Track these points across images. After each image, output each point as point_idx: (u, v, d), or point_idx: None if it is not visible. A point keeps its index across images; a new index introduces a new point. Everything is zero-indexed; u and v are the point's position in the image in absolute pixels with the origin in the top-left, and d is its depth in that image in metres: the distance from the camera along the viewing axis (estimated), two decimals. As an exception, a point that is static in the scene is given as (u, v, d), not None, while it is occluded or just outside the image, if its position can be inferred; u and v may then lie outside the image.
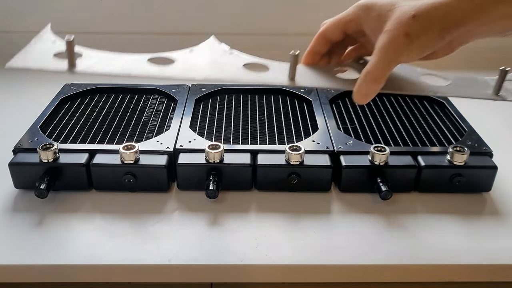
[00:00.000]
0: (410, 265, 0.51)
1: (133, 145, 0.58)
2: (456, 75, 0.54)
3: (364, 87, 0.47)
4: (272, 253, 0.51)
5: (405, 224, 0.56)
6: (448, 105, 0.73)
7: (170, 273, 0.51)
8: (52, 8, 0.99)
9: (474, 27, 0.46)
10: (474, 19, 0.45)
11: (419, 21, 0.46)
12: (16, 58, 0.48)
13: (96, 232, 0.54)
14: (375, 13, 0.49)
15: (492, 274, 0.52)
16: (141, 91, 0.76)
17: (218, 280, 0.52)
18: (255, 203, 0.58)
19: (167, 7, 1.00)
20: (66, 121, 0.68)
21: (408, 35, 0.46)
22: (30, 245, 0.52)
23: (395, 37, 0.46)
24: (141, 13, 1.01)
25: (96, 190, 0.60)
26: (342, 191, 0.60)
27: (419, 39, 0.46)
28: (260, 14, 1.01)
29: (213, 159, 0.58)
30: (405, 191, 0.60)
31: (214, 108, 0.72)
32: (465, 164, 0.58)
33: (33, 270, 0.50)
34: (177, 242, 0.52)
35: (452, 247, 0.53)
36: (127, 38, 1.01)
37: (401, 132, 0.66)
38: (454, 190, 0.60)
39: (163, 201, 0.58)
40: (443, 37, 0.46)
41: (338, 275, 0.51)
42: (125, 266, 0.50)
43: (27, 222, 0.55)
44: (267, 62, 0.53)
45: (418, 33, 0.46)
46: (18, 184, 0.59)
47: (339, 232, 0.54)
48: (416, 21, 0.46)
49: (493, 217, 0.57)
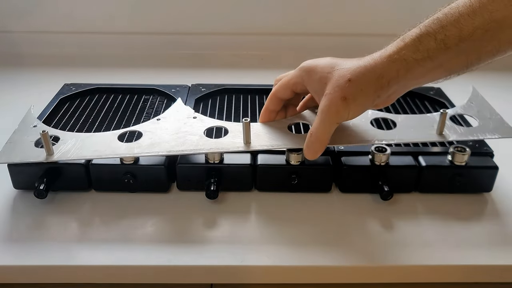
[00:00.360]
0: (410, 265, 0.51)
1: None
2: (404, 115, 0.60)
3: (311, 147, 0.53)
4: (272, 253, 0.51)
5: (405, 225, 0.55)
6: (449, 105, 0.73)
7: (170, 274, 0.51)
8: (52, 8, 0.99)
9: (406, 82, 0.49)
10: (405, 77, 0.48)
11: (355, 85, 0.49)
12: (1, 153, 0.55)
13: (95, 232, 0.54)
14: (317, 75, 0.53)
15: (493, 275, 0.52)
16: (140, 91, 0.76)
17: (218, 280, 0.52)
18: (255, 203, 0.58)
19: (167, 7, 1.00)
20: (65, 121, 0.68)
21: (345, 98, 0.49)
22: (30, 246, 0.52)
23: (334, 101, 0.50)
24: (141, 13, 1.00)
25: (95, 191, 0.59)
26: (342, 192, 0.60)
27: (356, 101, 0.49)
28: (261, 14, 1.01)
29: (213, 159, 0.58)
30: (406, 192, 0.60)
31: (214, 108, 0.72)
32: (466, 164, 0.58)
33: (33, 270, 0.50)
34: (177, 243, 0.52)
35: (452, 248, 0.52)
36: (127, 38, 1.01)
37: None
38: (455, 190, 0.60)
39: (162, 202, 0.58)
40: (379, 96, 0.50)
41: (338, 276, 0.51)
42: (125, 267, 0.50)
43: (26, 223, 0.55)
44: (226, 124, 0.59)
45: (355, 95, 0.49)
46: (17, 184, 0.59)
47: (340, 233, 0.54)
48: (352, 85, 0.49)
49: (494, 217, 0.57)
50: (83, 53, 0.99)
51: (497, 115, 0.59)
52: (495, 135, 0.56)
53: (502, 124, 0.57)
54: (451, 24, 0.45)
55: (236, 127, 0.58)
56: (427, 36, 0.46)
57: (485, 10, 0.44)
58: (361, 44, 1.01)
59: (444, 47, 0.46)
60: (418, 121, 0.59)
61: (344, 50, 1.01)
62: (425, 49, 0.47)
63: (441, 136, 0.56)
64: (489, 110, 0.60)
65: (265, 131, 0.58)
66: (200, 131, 0.58)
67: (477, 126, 0.57)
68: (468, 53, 0.46)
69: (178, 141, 0.56)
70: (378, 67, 0.48)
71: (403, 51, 0.48)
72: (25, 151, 0.55)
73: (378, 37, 1.02)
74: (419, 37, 0.47)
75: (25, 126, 0.61)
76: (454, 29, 0.45)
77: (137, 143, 0.56)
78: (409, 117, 0.59)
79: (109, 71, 0.94)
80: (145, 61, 0.84)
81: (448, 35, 0.45)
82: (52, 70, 0.79)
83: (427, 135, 0.56)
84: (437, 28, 0.46)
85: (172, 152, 0.54)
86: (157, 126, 0.59)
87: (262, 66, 0.99)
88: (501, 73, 0.94)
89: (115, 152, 0.54)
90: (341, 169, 0.58)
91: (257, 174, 0.59)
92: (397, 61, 0.48)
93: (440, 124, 0.56)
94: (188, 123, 0.60)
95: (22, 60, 0.99)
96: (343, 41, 1.00)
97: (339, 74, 0.50)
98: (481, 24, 0.44)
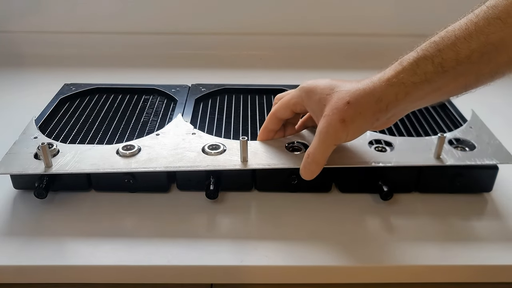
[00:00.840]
0: (410, 265, 0.51)
1: (133, 145, 0.58)
2: (402, 138, 0.60)
3: (308, 168, 0.53)
4: (272, 254, 0.51)
5: (405, 225, 0.55)
6: (449, 105, 0.73)
7: (170, 274, 0.51)
8: (52, 8, 0.99)
9: (405, 106, 0.50)
10: (404, 101, 0.49)
11: (353, 107, 0.50)
12: (0, 164, 0.56)
13: (95, 232, 0.54)
14: (316, 96, 0.53)
15: (493, 275, 0.52)
16: (141, 91, 0.76)
17: (218, 280, 0.52)
18: (255, 203, 0.58)
19: (167, 7, 1.00)
20: (65, 121, 0.68)
21: (344, 120, 0.50)
22: (30, 246, 0.52)
23: (333, 123, 0.50)
24: (141, 13, 1.00)
25: (95, 191, 0.59)
26: (342, 192, 0.60)
27: (354, 123, 0.50)
28: (261, 14, 1.01)
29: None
30: (406, 191, 0.60)
31: (214, 108, 0.72)
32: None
33: (33, 270, 0.50)
34: (177, 243, 0.52)
35: (452, 248, 0.52)
36: (127, 38, 1.01)
37: (401, 132, 0.66)
38: (455, 190, 0.60)
39: (163, 202, 0.58)
40: (378, 119, 0.50)
41: (338, 276, 0.51)
42: (124, 267, 0.50)
43: (27, 223, 0.55)
44: (224, 141, 0.60)
45: (353, 118, 0.50)
46: (17, 184, 0.59)
47: (339, 233, 0.54)
48: (351, 107, 0.50)
49: (494, 217, 0.57)
50: (83, 53, 0.99)
51: (495, 140, 0.60)
52: (493, 161, 0.56)
53: (501, 150, 0.58)
54: (448, 48, 0.45)
55: (234, 145, 0.59)
56: (424, 59, 0.47)
57: (481, 33, 0.44)
58: (361, 43, 1.01)
59: (442, 70, 0.46)
60: (416, 143, 0.59)
61: (344, 50, 1.01)
62: (422, 72, 0.47)
63: (438, 160, 0.56)
64: (488, 134, 0.61)
65: (263, 150, 0.58)
66: (199, 147, 0.59)
67: (475, 150, 0.58)
68: (465, 75, 0.46)
69: (176, 157, 0.57)
70: (377, 90, 0.49)
71: (401, 74, 0.48)
72: (24, 162, 0.56)
73: (378, 37, 1.03)
74: (417, 60, 0.47)
75: (25, 137, 0.61)
76: (451, 53, 0.45)
77: (135, 158, 0.57)
78: (407, 140, 0.60)
79: (109, 71, 0.94)
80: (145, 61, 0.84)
81: (445, 58, 0.45)
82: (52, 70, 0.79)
83: (424, 158, 0.57)
84: (434, 51, 0.46)
85: (169, 168, 0.56)
86: (156, 142, 0.60)
87: (262, 66, 0.99)
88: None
89: (113, 166, 0.55)
90: (340, 169, 0.58)
91: (257, 174, 0.59)
92: (395, 84, 0.48)
93: (438, 148, 0.56)
94: (187, 139, 0.61)
95: (22, 60, 0.99)
96: (343, 41, 1.00)
97: (338, 96, 0.51)
98: (477, 47, 0.44)
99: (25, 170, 0.55)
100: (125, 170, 0.56)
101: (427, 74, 0.47)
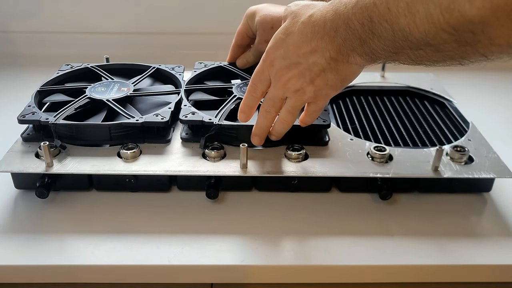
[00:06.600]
0: (410, 265, 0.51)
1: (134, 146, 0.58)
2: (400, 149, 0.60)
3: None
4: (272, 253, 0.51)
5: (405, 224, 0.55)
6: (448, 105, 0.73)
7: (170, 274, 0.51)
8: (52, 8, 0.99)
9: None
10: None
11: None
12: (1, 162, 0.56)
13: (96, 232, 0.54)
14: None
15: (492, 275, 0.52)
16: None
17: (218, 280, 0.52)
18: (255, 203, 0.58)
19: (168, 7, 1.00)
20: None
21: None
22: (30, 245, 0.52)
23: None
24: (141, 13, 1.00)
25: (96, 190, 0.60)
26: (342, 191, 0.60)
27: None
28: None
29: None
30: (406, 191, 0.60)
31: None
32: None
33: (33, 270, 0.50)
34: (177, 243, 0.52)
35: (452, 248, 0.52)
36: (127, 38, 1.01)
37: (401, 132, 0.66)
38: (454, 190, 0.60)
39: (163, 201, 0.58)
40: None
41: (338, 276, 0.51)
42: (125, 267, 0.50)
43: (28, 222, 0.55)
44: (224, 146, 0.59)
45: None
46: (19, 184, 0.59)
47: (339, 233, 0.54)
48: None
49: (493, 217, 0.57)
50: (83, 53, 0.99)
51: (494, 153, 0.60)
52: (490, 174, 0.56)
53: (498, 164, 0.58)
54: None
55: (234, 151, 0.59)
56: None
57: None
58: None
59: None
60: (415, 155, 0.59)
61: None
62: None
63: (436, 173, 0.56)
64: (486, 147, 0.61)
65: (262, 157, 0.58)
66: (199, 151, 0.59)
67: (473, 163, 0.58)
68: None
69: (175, 161, 0.57)
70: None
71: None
72: (25, 161, 0.56)
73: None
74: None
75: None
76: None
77: (136, 160, 0.57)
78: (406, 151, 0.60)
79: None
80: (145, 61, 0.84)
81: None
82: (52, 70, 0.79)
83: (422, 170, 0.57)
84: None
85: (169, 172, 0.56)
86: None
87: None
88: (502, 72, 0.94)
89: (113, 168, 0.56)
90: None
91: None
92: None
93: (435, 160, 0.56)
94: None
95: (22, 60, 0.99)
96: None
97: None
98: None
99: (26, 169, 0.55)
100: (126, 173, 0.56)
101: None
